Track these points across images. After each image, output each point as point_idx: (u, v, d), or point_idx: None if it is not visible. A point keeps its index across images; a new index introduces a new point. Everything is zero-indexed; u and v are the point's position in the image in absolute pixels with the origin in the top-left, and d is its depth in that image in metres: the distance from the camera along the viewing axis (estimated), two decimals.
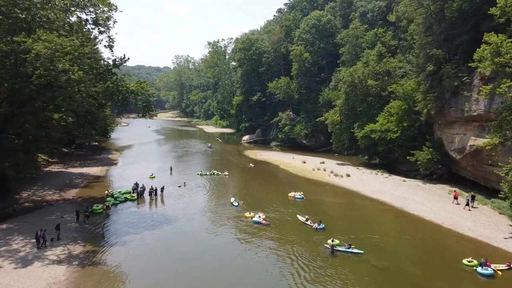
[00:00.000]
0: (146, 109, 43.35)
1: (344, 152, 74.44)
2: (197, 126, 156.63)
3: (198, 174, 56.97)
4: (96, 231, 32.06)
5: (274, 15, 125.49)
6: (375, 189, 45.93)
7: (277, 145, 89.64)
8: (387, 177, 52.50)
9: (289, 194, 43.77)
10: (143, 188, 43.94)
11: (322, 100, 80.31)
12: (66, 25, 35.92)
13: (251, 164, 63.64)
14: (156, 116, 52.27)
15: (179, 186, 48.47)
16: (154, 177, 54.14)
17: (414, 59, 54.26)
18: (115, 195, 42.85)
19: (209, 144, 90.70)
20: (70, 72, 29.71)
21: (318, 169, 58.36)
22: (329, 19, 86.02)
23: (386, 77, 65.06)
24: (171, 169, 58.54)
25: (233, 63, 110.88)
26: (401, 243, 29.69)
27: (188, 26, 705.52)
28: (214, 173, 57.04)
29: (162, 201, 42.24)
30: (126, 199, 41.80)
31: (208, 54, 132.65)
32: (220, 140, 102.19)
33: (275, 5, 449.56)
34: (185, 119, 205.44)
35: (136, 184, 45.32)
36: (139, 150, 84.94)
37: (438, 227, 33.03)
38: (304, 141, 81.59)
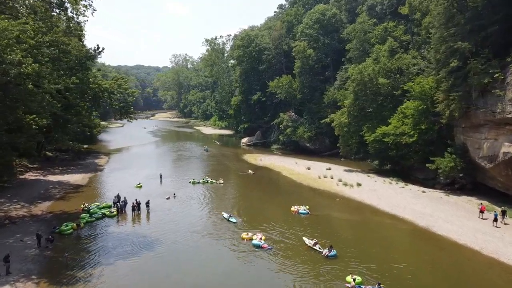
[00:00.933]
0: (124, 111, 37.26)
1: (351, 157, 68.73)
2: (194, 127, 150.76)
3: (190, 182, 51.15)
4: (59, 259, 26.20)
5: (275, 12, 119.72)
6: (392, 202, 40.04)
7: (278, 148, 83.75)
8: (403, 187, 46.61)
9: (292, 208, 37.94)
10: (125, 202, 38.07)
11: (327, 100, 74.44)
12: (24, 8, 29.98)
13: (250, 171, 57.74)
14: (148, 117, 46.60)
15: (167, 198, 42.62)
16: (140, 186, 48.31)
17: (432, 54, 48.45)
18: (91, 210, 37.03)
19: (205, 147, 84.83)
20: (24, 66, 23.82)
21: (325, 176, 52.50)
22: (334, 13, 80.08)
23: (398, 75, 59.33)
24: (160, 177, 52.68)
25: (232, 61, 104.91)
26: (437, 278, 23.77)
27: (188, 26, 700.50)
28: (208, 181, 51.24)
29: (147, 217, 36.38)
30: (103, 216, 35.90)
31: (206, 52, 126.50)
32: (218, 143, 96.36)
33: (276, 5, 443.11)
34: (183, 119, 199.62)
35: (118, 197, 39.44)
36: (130, 154, 79.07)
37: (477, 254, 27.13)
38: (308, 144, 75.71)
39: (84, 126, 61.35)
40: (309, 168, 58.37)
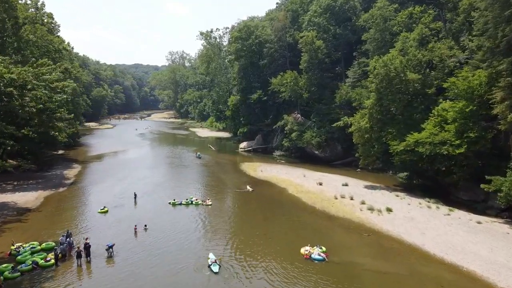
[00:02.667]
0: (47, 118, 26.00)
1: (369, 167, 57.84)
2: (190, 128, 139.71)
3: (170, 203, 40.30)
4: None
5: (277, 3, 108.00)
6: (443, 240, 29.03)
7: (281, 155, 72.68)
8: (448, 214, 35.54)
9: (303, 251, 27.09)
10: (69, 244, 27.07)
11: (339, 99, 63.51)
12: None
13: (248, 187, 46.68)
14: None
15: (135, 230, 31.73)
16: (106, 211, 37.37)
17: (485, 40, 37.52)
18: (22, 254, 26.16)
19: (198, 153, 73.86)
20: None
21: (343, 196, 41.50)
22: None
23: (428, 70, 48.38)
24: (135, 197, 41.76)
25: (230, 56, 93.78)
26: None
27: (188, 25, 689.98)
28: (192, 202, 40.39)
29: (106, 263, 25.45)
30: (35, 266, 24.91)
31: (202, 48, 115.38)
32: (213, 148, 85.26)
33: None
34: (179, 120, 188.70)
35: (67, 235, 28.49)
36: (109, 163, 68.01)
37: None
38: (317, 152, 64.65)
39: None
40: (321, 184, 47.38)
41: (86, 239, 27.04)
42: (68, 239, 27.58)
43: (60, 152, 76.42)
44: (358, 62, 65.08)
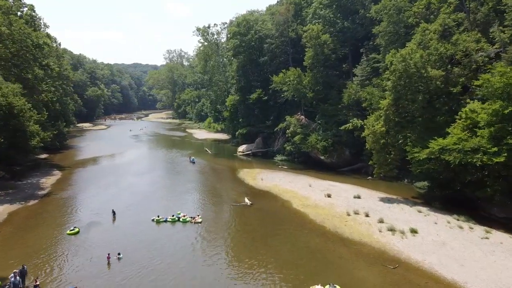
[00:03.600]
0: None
1: (380, 174, 52.01)
2: (187, 130, 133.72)
3: (153, 220, 34.45)
4: None
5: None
6: (490, 276, 23.07)
7: (283, 160, 66.69)
8: (486, 237, 29.52)
9: None
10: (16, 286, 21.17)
11: (347, 100, 57.60)
12: None
13: (246, 200, 40.75)
14: None
15: (108, 259, 25.87)
16: (77, 232, 31.49)
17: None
18: None
19: (192, 158, 67.97)
20: None
21: (356, 212, 35.57)
22: None
23: (450, 66, 42.47)
24: (113, 214, 35.87)
25: (228, 53, 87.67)
26: None
27: (188, 25, 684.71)
28: (179, 219, 34.57)
29: None
30: None
31: (199, 44, 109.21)
32: (209, 152, 79.30)
33: None
34: (177, 120, 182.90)
35: (21, 271, 22.56)
36: (94, 169, 61.97)
37: None
38: (322, 157, 58.68)
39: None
40: (329, 196, 41.49)
41: (36, 280, 21.12)
42: (18, 278, 21.65)
43: (44, 156, 70.68)
44: (367, 58, 59.23)
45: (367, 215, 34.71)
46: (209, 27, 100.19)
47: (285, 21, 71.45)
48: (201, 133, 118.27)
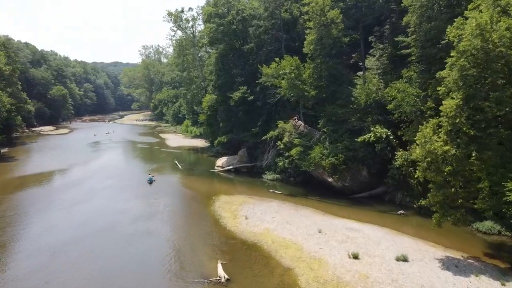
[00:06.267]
0: None
1: (412, 203, 36.57)
2: (161, 134, 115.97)
3: None
4: None
5: None
6: None
7: (275, 180, 50.29)
8: None
9: None
10: None
11: (363, 99, 41.79)
12: None
13: (219, 270, 23.96)
14: None
15: None
16: None
17: None
18: None
19: (150, 177, 51.01)
20: None
21: None
22: None
23: None
24: None
25: (203, 41, 70.43)
26: None
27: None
28: None
29: None
30: None
31: (173, 33, 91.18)
32: (180, 166, 62.05)
33: None
34: (153, 123, 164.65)
35: None
36: (13, 198, 43.88)
37: None
38: (330, 179, 42.48)
39: None
40: (356, 257, 25.26)
41: None
42: None
43: None
44: (382, 45, 43.84)
45: None
46: (182, 11, 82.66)
47: None
48: (176, 139, 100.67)
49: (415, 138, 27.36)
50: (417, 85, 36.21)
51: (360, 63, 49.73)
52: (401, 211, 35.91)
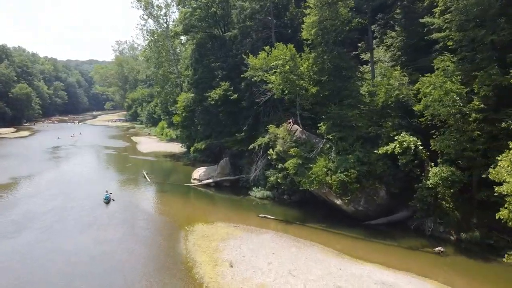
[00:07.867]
0: None
1: (448, 234, 27.79)
2: (134, 137, 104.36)
3: None
4: None
5: None
6: None
7: (265, 198, 40.47)
8: None
9: None
10: None
11: (381, 99, 32.58)
12: None
13: None
14: None
15: None
16: None
17: None
18: None
19: (107, 195, 40.50)
20: None
21: None
22: None
23: None
24: None
25: (176, 29, 59.55)
26: None
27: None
28: None
29: None
30: None
31: (143, 22, 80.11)
32: (149, 179, 51.30)
33: None
34: (127, 124, 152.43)
35: None
36: None
37: None
38: (339, 202, 32.93)
39: None
40: None
41: None
42: None
43: None
44: (399, 29, 34.86)
45: None
46: None
47: None
48: (149, 143, 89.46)
49: (500, 160, 18.03)
50: (459, 78, 27.13)
51: (363, 55, 40.79)
52: (440, 248, 26.72)
